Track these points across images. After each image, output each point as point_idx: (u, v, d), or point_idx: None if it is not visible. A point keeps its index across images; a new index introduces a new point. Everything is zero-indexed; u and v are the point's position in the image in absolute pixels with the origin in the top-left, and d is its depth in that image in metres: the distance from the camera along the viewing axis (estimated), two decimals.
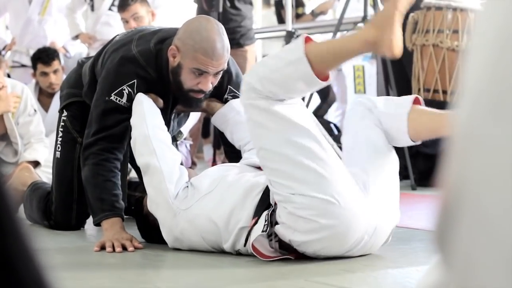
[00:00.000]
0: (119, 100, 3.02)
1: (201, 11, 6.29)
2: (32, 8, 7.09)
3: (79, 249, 2.96)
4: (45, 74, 6.13)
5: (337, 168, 2.47)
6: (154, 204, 2.82)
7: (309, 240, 2.46)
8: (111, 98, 3.03)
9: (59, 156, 3.44)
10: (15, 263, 0.70)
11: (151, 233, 2.95)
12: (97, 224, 3.01)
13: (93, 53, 6.76)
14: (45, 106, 6.29)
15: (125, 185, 3.24)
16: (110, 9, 6.75)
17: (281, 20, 7.64)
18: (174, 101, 3.13)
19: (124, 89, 3.02)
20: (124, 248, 2.83)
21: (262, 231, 2.50)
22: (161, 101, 3.03)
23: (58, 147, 3.45)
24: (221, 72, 2.98)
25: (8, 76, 5.87)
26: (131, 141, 2.95)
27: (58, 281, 0.76)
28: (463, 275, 0.77)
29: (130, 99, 3.02)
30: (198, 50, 2.88)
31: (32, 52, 6.68)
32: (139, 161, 2.89)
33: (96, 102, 3.09)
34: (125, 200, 3.15)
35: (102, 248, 2.86)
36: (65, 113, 3.44)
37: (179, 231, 2.75)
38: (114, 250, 2.82)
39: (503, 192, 0.72)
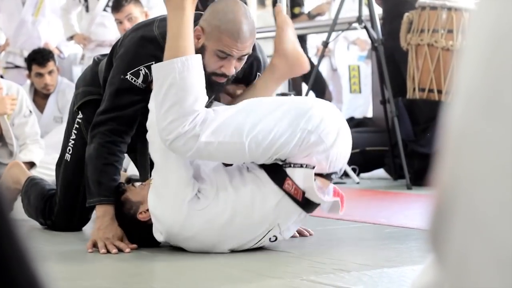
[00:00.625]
0: (135, 80, 2.98)
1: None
2: (26, 9, 7.08)
3: (75, 250, 2.96)
4: (40, 75, 6.13)
5: None
6: (162, 204, 2.73)
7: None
8: (126, 77, 2.98)
9: (68, 160, 3.37)
10: (9, 264, 0.70)
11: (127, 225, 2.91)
12: (90, 205, 3.06)
13: (88, 54, 6.78)
14: (40, 107, 6.29)
15: (148, 170, 3.24)
16: (104, 10, 6.75)
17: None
18: None
19: (141, 70, 2.97)
20: (120, 250, 2.83)
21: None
22: None
23: (69, 150, 3.38)
24: (246, 56, 2.90)
25: (1, 77, 5.85)
26: (147, 124, 2.86)
27: (52, 282, 0.76)
28: (456, 274, 0.77)
29: (146, 80, 2.98)
30: (224, 32, 2.81)
31: (26, 53, 6.68)
32: (154, 156, 2.82)
33: (111, 79, 3.05)
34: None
35: (94, 246, 2.87)
36: (80, 115, 3.35)
37: (196, 232, 2.70)
38: (107, 251, 2.83)
39: (496, 191, 0.73)
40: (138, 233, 2.88)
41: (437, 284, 0.84)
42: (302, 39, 6.94)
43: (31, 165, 5.05)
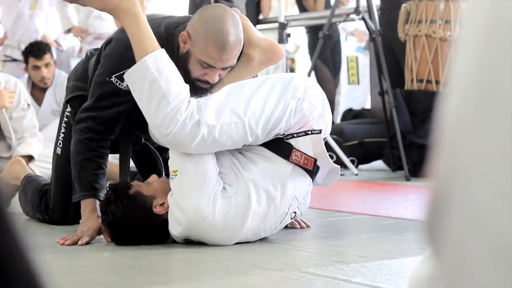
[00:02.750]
0: (119, 84, 2.97)
1: (193, 4, 6.27)
2: (23, 3, 7.07)
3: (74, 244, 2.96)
4: (36, 68, 6.12)
5: None
6: (189, 193, 2.67)
7: None
8: (111, 79, 2.98)
9: (59, 153, 3.38)
10: (4, 258, 0.70)
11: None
12: (76, 201, 3.09)
13: (85, 46, 6.77)
14: (38, 101, 6.28)
15: (127, 172, 3.24)
16: None
17: (302, 8, 7.56)
18: None
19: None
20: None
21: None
22: None
23: (60, 143, 3.39)
24: (230, 67, 2.87)
25: None
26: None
27: (50, 275, 0.75)
28: (453, 266, 0.77)
29: None
30: (209, 42, 2.77)
31: (23, 46, 6.66)
32: (174, 153, 2.77)
33: (97, 77, 3.04)
34: None
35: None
36: (69, 109, 3.37)
37: (224, 219, 2.67)
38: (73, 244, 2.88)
39: (493, 181, 0.72)
40: (151, 226, 2.79)
41: (435, 277, 0.84)
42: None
43: (29, 158, 5.04)
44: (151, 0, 6.49)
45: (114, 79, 2.97)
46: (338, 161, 5.71)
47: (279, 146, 2.79)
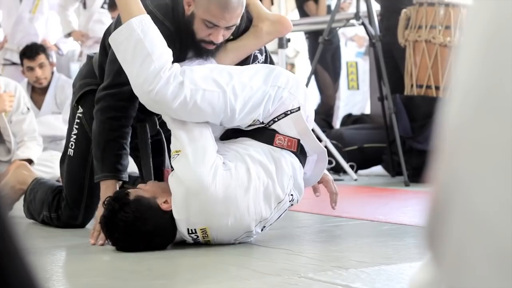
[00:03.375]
0: None
1: None
2: (23, 6, 7.07)
3: (75, 247, 2.96)
4: (30, 69, 6.11)
5: None
6: (190, 165, 2.68)
7: None
8: None
9: (72, 154, 3.38)
10: (4, 262, 0.70)
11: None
12: (97, 181, 3.10)
13: (86, 50, 6.77)
14: (38, 104, 6.28)
15: (149, 156, 3.23)
16: (102, 7, 6.74)
17: (303, 13, 7.55)
18: (187, 51, 3.06)
19: None
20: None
21: None
22: None
23: (72, 145, 3.38)
24: (233, 27, 2.94)
25: None
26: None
27: (50, 279, 0.76)
28: (453, 272, 0.77)
29: None
30: (212, 1, 2.85)
31: None
32: (173, 130, 2.81)
33: (111, 56, 3.04)
34: (151, 176, 3.17)
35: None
36: (80, 110, 3.37)
37: (225, 191, 2.68)
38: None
39: (493, 187, 0.72)
40: (163, 224, 2.75)
41: (434, 282, 0.84)
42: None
43: (29, 162, 5.05)
44: None
45: None
46: (338, 166, 5.71)
47: (262, 134, 2.85)
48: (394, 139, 5.34)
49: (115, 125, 3.04)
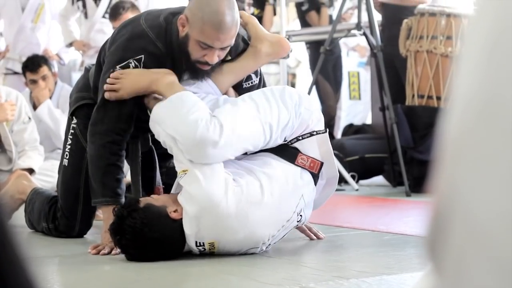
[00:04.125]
0: None
1: None
2: (25, 16, 7.08)
3: (74, 257, 2.95)
4: (34, 82, 6.12)
5: None
6: (200, 183, 2.66)
7: None
8: (115, 70, 3.00)
9: (66, 164, 3.38)
10: (5, 271, 0.70)
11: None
12: (96, 205, 3.10)
13: (87, 60, 6.78)
14: None
15: (138, 173, 3.24)
16: (103, 16, 6.75)
17: (305, 23, 7.55)
18: (182, 74, 3.07)
19: (131, 62, 2.99)
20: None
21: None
22: None
23: (66, 155, 3.39)
24: (228, 47, 2.95)
25: None
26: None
27: None
28: (454, 282, 0.76)
29: None
30: (206, 23, 2.86)
31: (24, 59, 6.67)
32: (182, 160, 2.79)
33: (103, 76, 3.05)
34: (139, 194, 3.18)
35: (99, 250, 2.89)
36: (75, 120, 3.38)
37: (236, 207, 2.67)
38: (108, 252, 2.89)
39: (493, 198, 0.72)
40: (171, 232, 2.73)
41: None
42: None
43: (30, 171, 5.04)
44: (152, 1, 6.51)
45: (118, 69, 3.00)
46: (339, 176, 5.70)
47: (285, 151, 2.87)
48: (396, 149, 5.34)
49: (115, 149, 3.03)
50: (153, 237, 2.68)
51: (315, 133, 2.90)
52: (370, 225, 3.65)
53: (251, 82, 3.19)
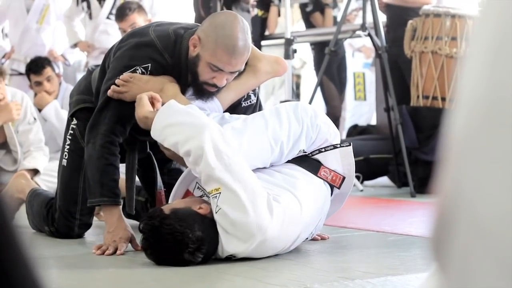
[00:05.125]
0: None
1: (198, 17, 6.29)
2: (30, 17, 7.09)
3: (78, 257, 2.95)
4: (38, 83, 6.13)
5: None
6: (243, 208, 2.58)
7: None
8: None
9: (65, 164, 3.39)
10: (10, 272, 0.70)
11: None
12: (92, 205, 3.11)
13: (92, 61, 6.78)
14: None
15: (133, 180, 3.24)
16: (108, 17, 6.75)
17: (309, 24, 7.54)
18: (186, 89, 3.07)
19: (138, 69, 2.99)
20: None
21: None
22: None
23: (65, 155, 3.40)
24: (238, 72, 2.96)
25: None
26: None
27: None
28: (459, 282, 0.76)
29: None
30: (219, 46, 2.86)
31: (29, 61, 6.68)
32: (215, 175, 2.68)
33: (107, 80, 3.06)
34: (133, 202, 3.19)
35: (103, 250, 2.90)
36: (74, 121, 3.38)
37: (279, 230, 2.63)
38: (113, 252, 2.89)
39: (497, 198, 0.72)
40: (208, 227, 2.62)
41: None
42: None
43: (35, 172, 5.05)
44: (157, 15, 6.51)
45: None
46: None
47: (307, 162, 2.88)
48: (400, 150, 5.34)
49: (114, 149, 3.05)
50: (197, 236, 2.56)
51: (338, 145, 2.90)
52: (375, 225, 3.65)
53: (250, 101, 3.19)
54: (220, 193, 2.60)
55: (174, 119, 2.75)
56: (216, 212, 2.61)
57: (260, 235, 2.59)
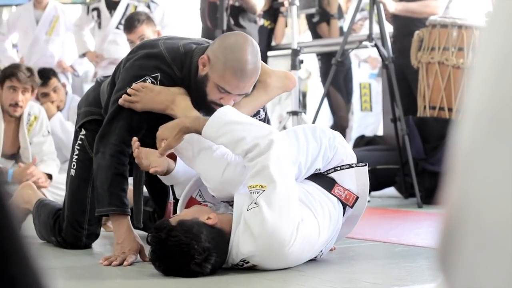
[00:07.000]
0: None
1: (205, 29, 6.30)
2: (40, 28, 7.12)
3: (86, 268, 2.96)
4: (45, 94, 6.16)
5: None
6: (277, 212, 2.60)
7: None
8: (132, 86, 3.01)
9: (73, 174, 3.39)
10: (17, 282, 0.70)
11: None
12: (100, 215, 3.11)
13: (100, 71, 6.80)
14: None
15: (141, 193, 3.23)
16: (117, 27, 6.77)
17: (316, 35, 7.56)
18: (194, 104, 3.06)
19: (147, 79, 2.99)
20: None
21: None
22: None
23: (73, 165, 3.40)
24: (245, 94, 2.97)
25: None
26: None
27: None
28: None
29: None
30: (228, 69, 2.86)
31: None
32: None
33: (117, 91, 3.06)
34: (140, 215, 3.17)
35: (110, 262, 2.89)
36: (83, 132, 3.39)
37: (300, 244, 2.65)
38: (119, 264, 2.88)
39: (505, 210, 0.72)
40: (216, 237, 2.62)
41: None
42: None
43: (48, 177, 5.11)
44: (167, 27, 6.53)
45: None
46: None
47: (322, 179, 2.88)
48: (407, 161, 5.33)
49: (123, 159, 3.05)
50: (203, 247, 2.56)
51: (354, 165, 2.90)
52: (381, 236, 3.64)
53: (259, 116, 3.20)
54: (264, 190, 2.59)
55: (239, 118, 2.76)
56: (248, 210, 2.61)
57: (282, 245, 2.60)
